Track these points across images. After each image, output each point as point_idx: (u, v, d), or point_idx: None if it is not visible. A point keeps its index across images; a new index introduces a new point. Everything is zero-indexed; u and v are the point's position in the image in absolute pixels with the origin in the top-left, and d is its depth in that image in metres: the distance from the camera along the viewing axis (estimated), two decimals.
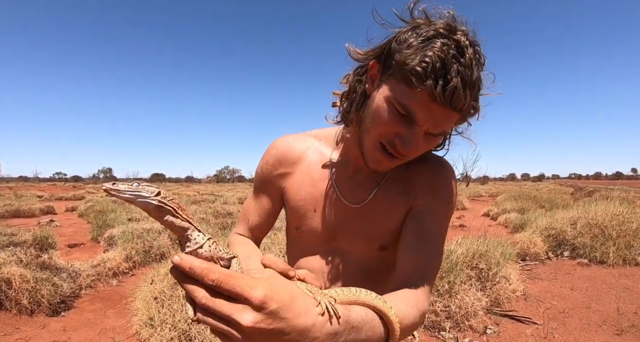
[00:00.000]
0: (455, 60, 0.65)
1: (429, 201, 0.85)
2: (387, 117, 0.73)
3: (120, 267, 3.75)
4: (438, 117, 0.69)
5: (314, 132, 1.00)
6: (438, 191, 0.86)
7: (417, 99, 0.68)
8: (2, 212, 8.90)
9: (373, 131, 0.77)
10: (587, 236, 4.61)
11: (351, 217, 0.89)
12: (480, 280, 2.89)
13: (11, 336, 2.44)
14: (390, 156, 0.76)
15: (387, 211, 0.87)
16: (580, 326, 2.60)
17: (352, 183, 0.90)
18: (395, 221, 0.87)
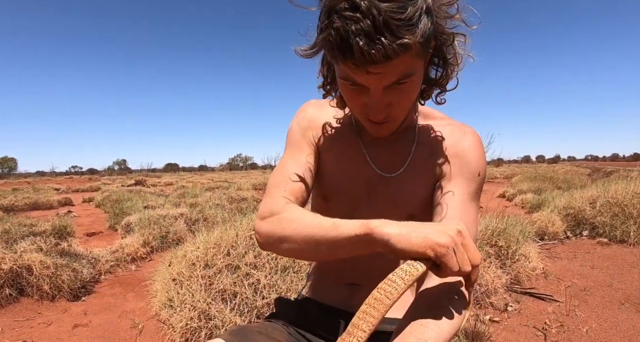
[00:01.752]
0: (350, 21, 0.60)
1: (456, 165, 0.84)
2: (348, 95, 0.75)
3: (138, 253, 3.80)
4: (374, 74, 0.66)
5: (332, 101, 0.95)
6: (465, 153, 0.84)
7: (350, 71, 0.67)
8: (22, 205, 9.09)
9: (351, 109, 0.81)
10: (606, 215, 4.50)
11: (382, 186, 0.87)
12: (499, 258, 2.86)
13: (33, 321, 2.49)
14: (378, 123, 0.77)
15: (418, 179, 0.86)
16: (603, 304, 2.55)
17: (382, 151, 0.89)
18: (426, 189, 0.86)
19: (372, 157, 0.88)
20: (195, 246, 2.44)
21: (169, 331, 2.12)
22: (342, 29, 0.61)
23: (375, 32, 0.59)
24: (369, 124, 0.78)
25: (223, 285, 2.09)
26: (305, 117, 0.94)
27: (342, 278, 0.94)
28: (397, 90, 0.70)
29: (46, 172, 48.76)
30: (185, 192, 9.63)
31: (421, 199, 0.86)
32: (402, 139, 0.88)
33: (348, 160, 0.89)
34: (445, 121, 0.91)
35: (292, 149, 0.92)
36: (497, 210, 4.22)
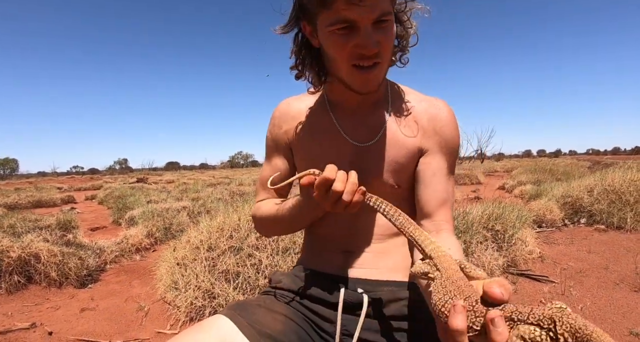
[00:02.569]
0: None
1: (437, 141, 0.92)
2: (339, 42, 0.79)
3: (142, 243, 3.87)
4: (365, 4, 0.74)
5: (309, 90, 1.05)
6: (443, 129, 0.93)
7: (340, 8, 0.75)
8: (25, 203, 9.16)
9: (340, 62, 0.83)
10: (603, 203, 4.55)
11: (361, 156, 0.93)
12: (496, 241, 2.91)
13: (42, 306, 2.56)
14: (368, 68, 0.82)
15: (396, 149, 0.92)
16: (598, 284, 2.60)
17: (355, 123, 0.95)
18: (406, 159, 0.92)
19: (344, 128, 0.95)
20: (199, 231, 2.51)
21: (174, 311, 2.20)
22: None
23: None
24: (358, 73, 0.82)
25: (226, 266, 2.15)
26: (274, 122, 1.05)
27: (335, 246, 0.97)
28: (382, 30, 0.78)
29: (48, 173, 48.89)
30: (187, 188, 9.69)
31: (403, 169, 0.92)
32: (375, 110, 0.95)
33: (322, 136, 0.96)
34: (418, 97, 0.98)
35: (267, 156, 1.08)
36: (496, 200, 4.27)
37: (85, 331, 2.20)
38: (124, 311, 2.45)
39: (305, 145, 0.98)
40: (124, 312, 2.43)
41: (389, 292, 0.89)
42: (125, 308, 2.49)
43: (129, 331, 2.20)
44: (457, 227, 2.74)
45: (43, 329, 2.22)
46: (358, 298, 0.87)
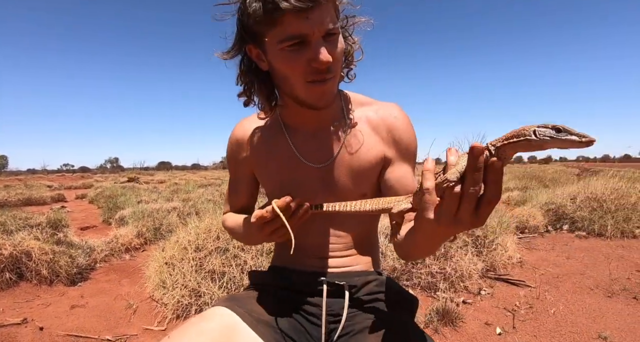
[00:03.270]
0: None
1: (397, 149, 0.98)
2: (291, 58, 0.80)
3: (132, 243, 3.92)
4: (315, 17, 0.75)
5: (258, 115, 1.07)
6: (402, 137, 0.98)
7: (288, 24, 0.75)
8: (15, 201, 9.10)
9: (295, 80, 0.84)
10: (586, 210, 4.68)
11: (322, 176, 0.98)
12: (476, 246, 3.01)
13: (33, 302, 2.61)
14: (322, 82, 0.83)
15: (357, 164, 0.97)
16: (573, 289, 2.70)
17: (313, 145, 0.99)
18: (369, 170, 0.98)
19: (301, 152, 0.98)
20: (188, 232, 2.58)
21: (161, 309, 2.27)
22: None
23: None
24: (313, 88, 0.84)
25: (212, 266, 2.23)
26: (232, 147, 1.08)
27: (309, 253, 1.04)
28: (331, 43, 0.80)
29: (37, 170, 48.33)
30: (178, 188, 9.70)
31: (369, 180, 0.99)
32: (331, 130, 0.98)
33: (281, 160, 1.00)
34: (373, 106, 1.02)
35: (231, 178, 1.13)
36: None
37: (75, 327, 2.26)
38: (113, 308, 2.51)
39: (266, 170, 1.02)
40: (113, 310, 2.49)
41: (362, 279, 1.00)
42: (115, 305, 2.55)
43: (118, 327, 2.26)
44: None
45: (34, 324, 2.28)
46: (339, 287, 0.97)
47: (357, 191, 0.99)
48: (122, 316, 2.39)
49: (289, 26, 0.75)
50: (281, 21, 0.75)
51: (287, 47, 0.78)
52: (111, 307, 2.53)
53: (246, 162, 1.05)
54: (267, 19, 0.75)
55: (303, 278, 1.01)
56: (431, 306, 2.30)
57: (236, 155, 1.07)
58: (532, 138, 0.48)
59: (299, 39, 0.77)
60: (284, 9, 0.72)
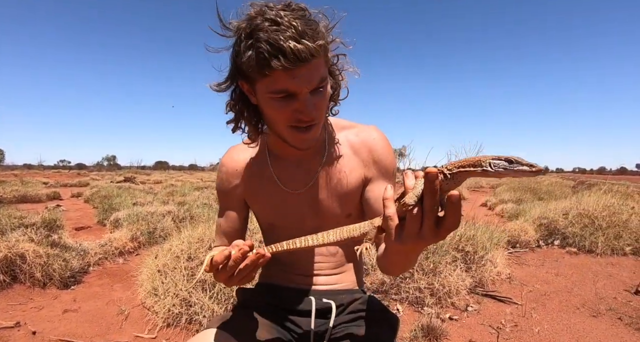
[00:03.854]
0: (277, 32, 0.75)
1: (377, 169, 1.03)
2: (278, 107, 0.85)
3: (126, 247, 3.94)
4: (304, 75, 0.79)
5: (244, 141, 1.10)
6: (381, 158, 1.03)
7: (278, 79, 0.79)
8: (10, 198, 9.07)
9: (279, 124, 0.89)
10: (577, 226, 4.71)
11: (303, 200, 1.04)
12: (466, 262, 3.04)
13: (26, 306, 2.64)
14: (305, 130, 0.88)
15: (338, 186, 1.02)
16: (559, 308, 2.73)
17: (294, 173, 1.04)
18: (350, 192, 1.03)
19: (282, 180, 1.04)
20: (180, 240, 2.61)
21: (152, 317, 2.30)
22: (272, 39, 0.74)
23: (299, 37, 0.75)
24: (295, 134, 0.89)
25: (204, 276, 2.26)
26: (222, 177, 1.11)
27: (296, 271, 1.10)
28: (318, 94, 0.85)
29: (34, 165, 48.12)
30: (174, 190, 9.70)
31: (351, 201, 1.04)
32: (312, 157, 1.03)
33: (266, 187, 1.05)
34: (352, 130, 1.07)
35: (221, 207, 1.14)
36: (475, 217, 4.41)
37: (68, 332, 2.28)
38: (105, 313, 2.54)
39: (254, 198, 1.08)
40: (105, 315, 2.51)
41: (347, 297, 1.06)
42: (107, 311, 2.58)
43: (109, 333, 2.29)
44: (428, 248, 2.87)
45: (27, 328, 2.30)
46: (327, 305, 1.03)
47: (342, 212, 1.04)
48: (113, 322, 2.42)
49: (278, 81, 0.80)
50: (271, 75, 0.79)
51: (276, 97, 0.83)
52: (103, 312, 2.56)
53: (238, 190, 1.09)
54: (258, 70, 0.79)
55: (292, 295, 1.07)
56: (417, 322, 2.33)
57: (227, 184, 1.10)
58: (488, 169, 0.53)
59: (286, 93, 0.81)
60: (275, 66, 0.75)
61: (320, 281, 1.09)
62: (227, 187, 1.10)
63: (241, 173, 1.08)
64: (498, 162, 0.53)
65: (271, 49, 0.75)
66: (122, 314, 2.52)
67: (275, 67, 0.76)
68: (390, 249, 0.70)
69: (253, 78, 0.84)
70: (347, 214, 1.05)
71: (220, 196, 1.13)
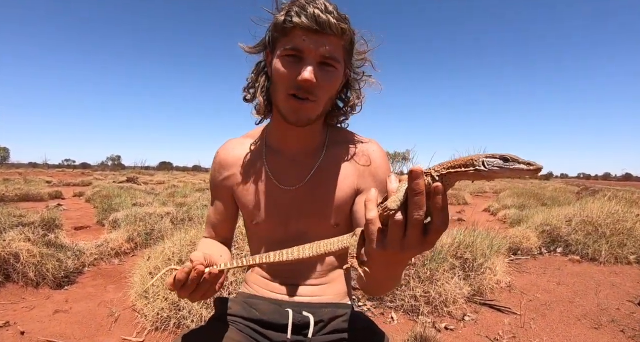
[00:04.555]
0: (309, 2, 0.85)
1: (371, 181, 1.01)
2: (283, 68, 0.88)
3: (122, 248, 3.91)
4: (316, 40, 0.86)
5: (250, 132, 1.15)
6: (377, 171, 1.02)
7: (294, 36, 0.86)
8: (12, 196, 9.13)
9: (280, 88, 0.91)
10: (580, 233, 4.63)
11: (293, 199, 1.01)
12: (464, 269, 2.98)
13: (17, 305, 2.61)
14: (302, 100, 0.90)
15: (330, 189, 1.00)
16: (560, 318, 2.66)
17: (287, 167, 1.03)
18: (341, 199, 1.00)
19: (275, 174, 1.03)
20: (173, 243, 2.58)
21: (141, 320, 2.27)
22: (303, 3, 0.85)
23: (325, 11, 0.84)
24: (292, 101, 0.90)
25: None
26: (214, 167, 1.12)
27: (281, 279, 1.06)
28: (324, 72, 0.88)
29: (38, 164, 48.40)
30: (175, 191, 9.70)
31: (340, 209, 1.01)
32: (310, 156, 1.03)
33: (256, 183, 1.04)
34: (354, 140, 1.07)
35: (212, 198, 1.16)
36: (477, 223, 4.35)
37: (56, 333, 2.26)
38: (96, 315, 2.51)
39: (242, 192, 1.06)
40: (95, 316, 2.48)
41: (330, 312, 1.01)
42: (97, 312, 2.55)
43: (97, 335, 2.25)
44: (425, 255, 2.82)
45: (16, 328, 2.28)
46: (305, 320, 0.97)
47: (329, 220, 1.01)
48: (103, 324, 2.39)
49: (293, 38, 0.86)
50: (291, 33, 0.87)
51: (285, 55, 0.88)
52: (94, 313, 2.53)
53: (228, 182, 1.08)
54: (282, 28, 0.87)
55: (269, 307, 1.02)
56: (411, 331, 2.28)
57: (218, 175, 1.10)
58: (482, 168, 0.48)
59: (295, 51, 0.87)
60: (294, 22, 0.84)
61: (302, 291, 1.04)
62: (218, 178, 1.10)
63: (233, 165, 1.08)
64: (492, 160, 0.48)
65: (299, 9, 0.84)
66: (112, 315, 2.49)
67: (295, 22, 0.84)
68: (372, 259, 0.64)
69: (276, 40, 0.91)
70: (334, 223, 1.01)
71: (212, 186, 1.13)
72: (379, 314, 2.62)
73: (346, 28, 0.87)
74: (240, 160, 1.07)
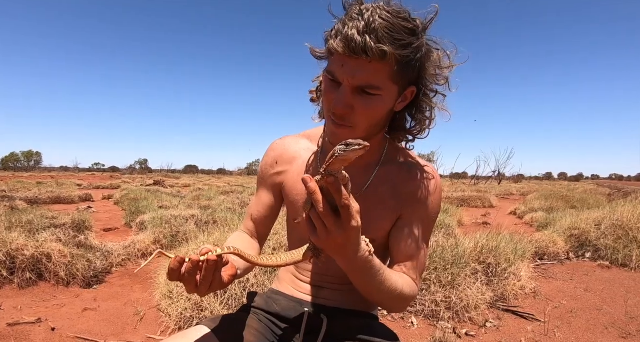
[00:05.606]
0: (353, 19, 0.76)
1: (417, 211, 0.98)
2: (325, 89, 0.86)
3: (148, 249, 4.03)
4: (351, 67, 0.78)
5: (307, 132, 1.12)
6: (426, 202, 0.98)
7: (334, 60, 0.82)
8: (45, 199, 9.57)
9: (325, 109, 0.90)
10: (610, 238, 4.46)
11: None
12: (487, 275, 2.93)
13: (49, 302, 2.75)
14: (338, 125, 0.86)
15: (375, 207, 0.98)
16: (586, 327, 2.57)
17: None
18: (383, 219, 0.98)
19: None
20: (197, 245, 2.65)
21: (166, 319, 2.35)
22: (345, 21, 0.78)
23: (364, 31, 0.74)
24: (331, 125, 0.88)
25: None
26: (268, 160, 1.10)
27: (308, 280, 1.09)
28: (363, 99, 0.82)
29: (70, 168, 50.18)
30: (201, 194, 9.89)
31: (380, 226, 0.99)
32: (363, 170, 1.00)
33: None
34: (411, 162, 1.03)
35: (258, 189, 1.14)
36: (503, 227, 4.25)
37: (85, 330, 2.35)
38: (122, 313, 2.60)
39: (293, 191, 1.04)
40: (121, 315, 2.58)
41: (345, 318, 1.02)
42: (124, 311, 2.64)
43: (124, 333, 2.34)
44: (446, 259, 2.79)
45: (47, 324, 2.39)
46: (319, 322, 0.99)
47: (366, 234, 1.00)
48: (129, 323, 2.47)
49: (333, 62, 0.82)
50: (332, 54, 0.82)
51: (328, 78, 0.85)
52: (120, 312, 2.62)
53: (279, 178, 1.07)
54: (328, 48, 0.83)
55: (290, 305, 1.05)
56: (431, 337, 2.26)
57: (270, 169, 1.09)
58: (337, 155, 0.62)
59: (332, 76, 0.83)
60: (330, 45, 0.80)
61: (325, 294, 1.06)
62: (270, 172, 1.09)
63: (290, 162, 1.07)
64: (341, 147, 0.62)
65: (339, 29, 0.78)
66: (138, 315, 2.57)
67: (329, 46, 0.80)
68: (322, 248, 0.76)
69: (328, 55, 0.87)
70: (371, 238, 1.01)
71: (261, 178, 1.12)
72: (399, 318, 2.60)
73: (387, 51, 0.74)
74: (298, 159, 1.06)
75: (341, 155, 0.62)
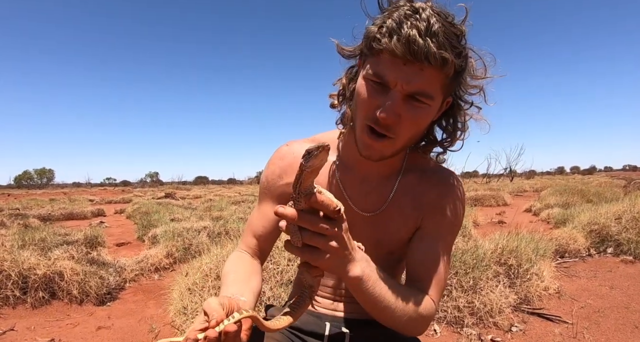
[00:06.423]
0: (409, 17, 0.69)
1: (438, 221, 0.92)
2: (366, 93, 0.77)
3: (161, 263, 4.00)
4: (407, 72, 0.71)
5: (318, 136, 1.04)
6: (446, 212, 0.92)
7: (383, 62, 0.73)
8: (58, 215, 9.64)
9: (359, 115, 0.80)
10: (632, 231, 4.33)
11: (361, 224, 0.93)
12: (509, 277, 2.84)
13: (62, 322, 2.71)
14: (378, 136, 0.78)
15: (398, 222, 0.93)
16: (615, 327, 2.47)
17: (361, 190, 0.94)
18: (404, 233, 0.93)
19: (351, 196, 0.94)
20: (210, 259, 2.60)
21: (181, 336, 2.28)
22: (401, 19, 0.69)
23: (425, 33, 0.68)
24: (367, 136, 0.79)
25: None
26: (273, 169, 0.99)
27: (326, 293, 1.05)
28: (412, 107, 0.75)
29: (82, 183, 50.68)
30: (212, 205, 9.89)
31: (400, 240, 0.94)
32: (384, 182, 0.94)
33: None
34: (432, 170, 0.97)
35: (260, 201, 1.02)
36: (520, 226, 4.15)
37: None
38: (136, 331, 2.56)
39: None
40: (135, 333, 2.53)
41: (367, 330, 0.98)
42: (138, 328, 2.60)
43: None
44: (467, 263, 2.70)
45: None
46: (341, 335, 0.97)
47: (385, 247, 0.96)
48: (143, 340, 2.43)
49: (381, 63, 0.74)
50: (379, 54, 0.74)
51: (371, 80, 0.76)
52: (134, 330, 2.58)
53: (285, 188, 0.96)
54: (372, 45, 0.74)
55: (310, 320, 1.02)
56: None
57: (277, 180, 0.98)
58: (304, 167, 0.59)
59: (381, 80, 0.74)
60: (383, 45, 0.71)
61: (346, 308, 1.03)
62: (276, 183, 0.97)
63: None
64: (302, 160, 0.59)
65: (393, 27, 0.70)
66: (152, 331, 2.53)
67: (384, 45, 0.70)
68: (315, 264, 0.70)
69: (366, 54, 0.79)
70: (389, 251, 0.96)
71: (264, 188, 1.00)
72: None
73: (448, 58, 0.69)
74: None
75: (308, 168, 0.59)
